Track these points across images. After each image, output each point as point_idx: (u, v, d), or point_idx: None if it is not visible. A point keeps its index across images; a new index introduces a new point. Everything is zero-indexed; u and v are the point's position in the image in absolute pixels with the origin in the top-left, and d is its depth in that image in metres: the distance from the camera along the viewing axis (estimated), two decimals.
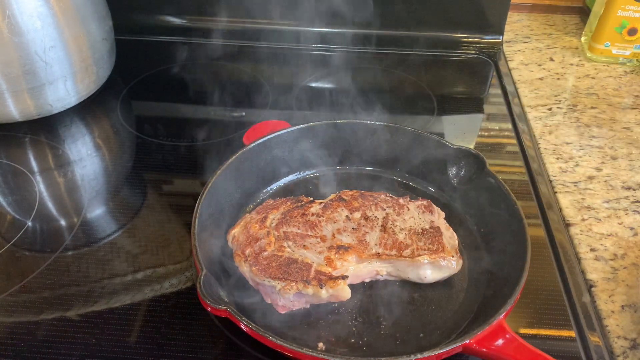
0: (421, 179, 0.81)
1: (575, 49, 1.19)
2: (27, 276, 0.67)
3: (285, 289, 0.59)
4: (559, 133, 0.94)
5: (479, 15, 1.14)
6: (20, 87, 0.86)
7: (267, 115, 0.98)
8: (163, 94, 1.05)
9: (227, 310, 0.54)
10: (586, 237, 0.74)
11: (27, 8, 0.82)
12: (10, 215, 0.78)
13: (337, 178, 0.81)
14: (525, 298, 0.64)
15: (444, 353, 0.53)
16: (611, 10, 1.06)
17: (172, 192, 0.83)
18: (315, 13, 1.12)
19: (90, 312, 0.64)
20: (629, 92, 1.05)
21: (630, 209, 0.79)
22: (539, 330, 0.63)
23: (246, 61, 1.14)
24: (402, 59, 1.14)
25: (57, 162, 0.87)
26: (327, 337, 0.60)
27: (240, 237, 0.66)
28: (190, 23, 1.17)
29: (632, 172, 0.85)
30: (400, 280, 0.66)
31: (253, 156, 0.76)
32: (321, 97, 1.02)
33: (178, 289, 0.66)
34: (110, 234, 0.74)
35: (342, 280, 0.61)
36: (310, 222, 0.67)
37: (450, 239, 0.68)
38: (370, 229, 0.67)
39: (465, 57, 1.17)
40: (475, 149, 0.75)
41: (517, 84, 1.07)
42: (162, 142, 0.91)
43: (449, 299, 0.65)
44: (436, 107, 1.01)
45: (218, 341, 0.61)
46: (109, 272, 0.68)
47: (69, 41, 0.89)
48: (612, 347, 0.62)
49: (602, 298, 0.67)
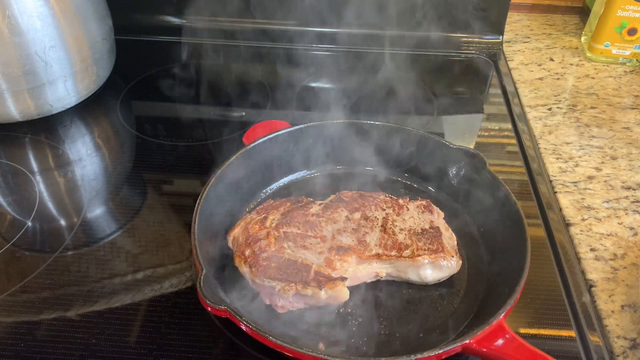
0: (421, 179, 0.81)
1: (575, 49, 1.19)
2: (27, 276, 0.67)
3: (285, 289, 0.59)
4: (559, 133, 0.94)
5: (479, 15, 1.14)
6: (20, 87, 0.86)
7: (267, 115, 0.98)
8: (163, 94, 1.05)
9: (227, 310, 0.54)
10: (586, 237, 0.74)
11: (27, 8, 0.82)
12: (10, 215, 0.78)
13: (337, 178, 0.81)
14: (525, 298, 0.64)
15: (444, 353, 0.53)
16: (611, 10, 1.06)
17: (172, 192, 0.83)
18: (315, 13, 1.12)
19: (90, 312, 0.64)
20: (628, 92, 1.05)
21: (630, 209, 0.79)
22: (539, 330, 0.63)
23: (246, 61, 1.14)
24: (402, 59, 1.13)
25: (57, 162, 0.87)
26: (327, 337, 0.60)
27: (240, 238, 0.66)
28: (190, 23, 1.17)
29: (632, 172, 0.85)
30: (400, 280, 0.67)
31: (253, 156, 0.76)
32: (321, 97, 1.02)
33: (178, 289, 0.66)
34: (110, 234, 0.74)
35: (341, 281, 0.61)
36: (310, 222, 0.67)
37: (449, 239, 0.68)
38: (370, 229, 0.67)
39: (465, 57, 1.17)
40: (475, 149, 0.75)
41: (517, 84, 1.07)
42: (162, 142, 0.91)
43: (449, 299, 0.65)
44: (436, 107, 1.01)
45: (218, 341, 0.61)
46: (109, 272, 0.68)
47: (69, 41, 0.89)
48: (612, 347, 0.62)
49: (602, 298, 0.67)
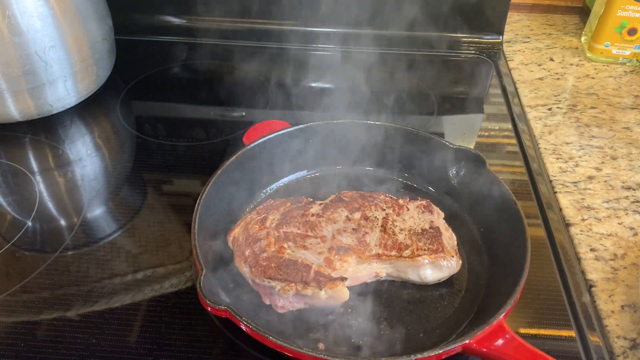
0: (421, 179, 0.81)
1: (575, 49, 1.19)
2: (27, 276, 0.67)
3: (285, 289, 0.59)
4: (559, 133, 0.94)
5: (479, 15, 1.14)
6: (20, 87, 0.86)
7: (267, 115, 0.98)
8: (163, 94, 1.05)
9: (227, 310, 0.54)
10: (586, 237, 0.74)
11: (27, 8, 0.82)
12: (10, 215, 0.78)
13: (337, 178, 0.81)
14: (525, 298, 0.64)
15: (444, 353, 0.53)
16: (611, 10, 1.06)
17: (172, 192, 0.83)
18: (315, 13, 1.12)
19: (90, 312, 0.64)
20: (629, 92, 1.05)
21: (630, 209, 0.79)
22: (539, 330, 0.63)
23: (246, 61, 1.13)
24: (402, 59, 1.13)
25: (57, 162, 0.87)
26: (327, 337, 0.60)
27: (240, 238, 0.66)
28: (190, 23, 1.17)
29: (632, 172, 0.85)
30: (400, 280, 0.67)
31: (253, 156, 0.76)
32: (321, 97, 1.02)
33: (178, 289, 0.66)
34: (110, 234, 0.74)
35: (340, 282, 0.61)
36: (310, 222, 0.67)
37: (449, 239, 0.68)
38: (370, 229, 0.67)
39: (465, 57, 1.17)
40: (475, 149, 0.75)
41: (517, 84, 1.07)
42: (162, 142, 0.91)
43: (449, 299, 0.65)
44: (436, 107, 1.01)
45: (218, 341, 0.61)
46: (109, 272, 0.68)
47: (69, 41, 0.89)
48: (612, 347, 0.62)
49: (602, 298, 0.67)
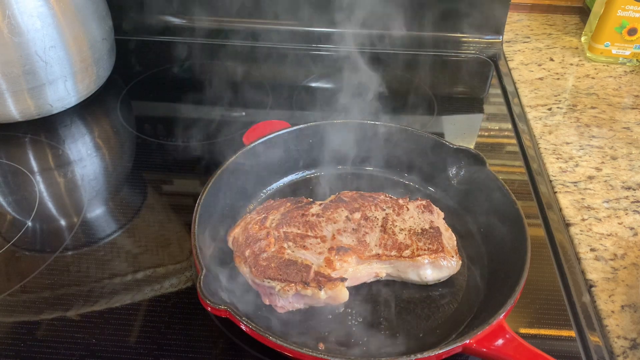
0: (421, 178, 0.81)
1: (575, 49, 1.19)
2: (27, 276, 0.67)
3: (284, 289, 0.59)
4: (559, 133, 0.94)
5: (479, 15, 1.14)
6: (20, 87, 0.86)
7: (267, 115, 0.98)
8: (163, 94, 1.05)
9: (227, 310, 0.54)
10: (586, 237, 0.74)
11: (27, 8, 0.82)
12: (10, 215, 0.78)
13: (337, 178, 0.81)
14: (525, 298, 0.64)
15: (444, 353, 0.53)
16: (611, 10, 1.06)
17: (172, 192, 0.83)
18: (315, 13, 1.12)
19: (90, 312, 0.64)
20: (629, 92, 1.05)
21: (630, 209, 0.79)
22: (539, 330, 0.63)
23: (246, 61, 1.14)
24: (402, 59, 1.13)
25: (57, 162, 0.87)
26: (327, 337, 0.60)
27: (240, 238, 0.66)
28: (190, 23, 1.17)
29: (632, 172, 0.85)
30: (401, 280, 0.67)
31: (253, 156, 0.76)
32: (321, 97, 1.02)
33: (178, 289, 0.67)
34: (110, 234, 0.74)
35: (340, 282, 0.61)
36: (310, 222, 0.67)
37: (449, 239, 0.68)
38: (370, 229, 0.67)
39: (465, 57, 1.17)
40: (475, 149, 0.75)
41: (517, 84, 1.07)
42: (162, 142, 0.91)
43: (449, 299, 0.65)
44: (436, 107, 1.01)
45: (218, 341, 0.61)
46: (109, 272, 0.68)
47: (69, 41, 0.89)
48: (612, 347, 0.62)
49: (602, 298, 0.67)
